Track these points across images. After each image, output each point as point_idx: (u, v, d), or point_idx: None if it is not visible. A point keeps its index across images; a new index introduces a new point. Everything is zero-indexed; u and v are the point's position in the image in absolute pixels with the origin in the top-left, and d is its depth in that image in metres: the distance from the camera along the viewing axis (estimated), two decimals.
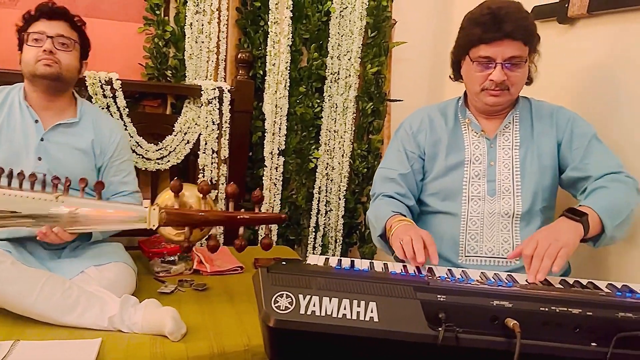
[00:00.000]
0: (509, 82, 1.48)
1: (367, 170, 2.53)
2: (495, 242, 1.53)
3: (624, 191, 1.42)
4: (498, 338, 0.92)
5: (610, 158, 1.50)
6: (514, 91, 1.51)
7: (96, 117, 1.79)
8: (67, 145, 1.70)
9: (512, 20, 1.42)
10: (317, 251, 2.50)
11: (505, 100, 1.52)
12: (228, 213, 1.51)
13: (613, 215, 1.34)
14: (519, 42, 1.44)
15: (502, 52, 1.45)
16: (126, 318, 1.42)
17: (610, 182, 1.43)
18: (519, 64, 1.47)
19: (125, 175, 1.82)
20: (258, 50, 2.30)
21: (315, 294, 0.93)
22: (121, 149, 1.81)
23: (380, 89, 2.49)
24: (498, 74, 1.46)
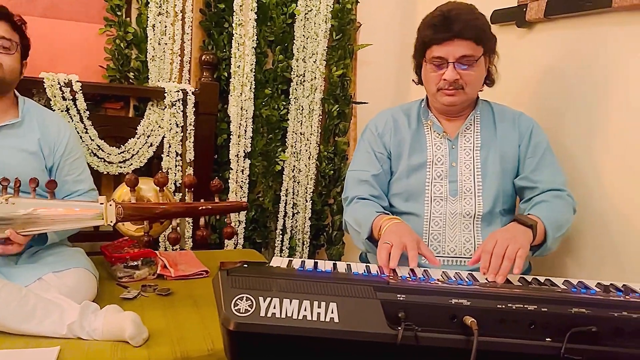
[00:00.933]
0: (462, 81, 1.51)
1: (334, 172, 2.53)
2: (457, 242, 1.56)
3: (565, 208, 1.51)
4: (456, 336, 0.93)
5: (558, 174, 1.58)
6: (469, 90, 1.54)
7: (41, 116, 1.73)
8: (13, 148, 1.63)
9: (461, 21, 1.47)
10: (284, 254, 2.50)
11: (461, 100, 1.55)
12: (187, 204, 1.49)
13: (555, 228, 1.42)
14: (469, 41, 1.48)
15: (453, 52, 1.48)
16: (86, 325, 1.39)
17: (555, 199, 1.51)
18: (471, 63, 1.50)
19: (79, 173, 1.76)
20: (222, 52, 2.29)
21: (276, 296, 0.93)
22: (72, 147, 1.75)
23: (345, 92, 2.50)
24: (450, 73, 1.50)
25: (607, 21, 1.61)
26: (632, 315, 0.93)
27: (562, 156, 1.71)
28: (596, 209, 1.65)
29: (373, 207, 1.56)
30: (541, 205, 1.49)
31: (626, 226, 1.56)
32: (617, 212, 1.59)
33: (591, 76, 1.67)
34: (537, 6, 1.79)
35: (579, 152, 1.70)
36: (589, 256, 1.68)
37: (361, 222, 1.51)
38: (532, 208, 1.49)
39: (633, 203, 1.55)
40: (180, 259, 2.01)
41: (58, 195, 1.75)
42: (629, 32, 1.55)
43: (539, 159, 1.57)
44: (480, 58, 1.52)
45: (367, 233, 1.48)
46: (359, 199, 1.61)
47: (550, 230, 1.40)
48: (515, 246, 1.25)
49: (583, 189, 1.67)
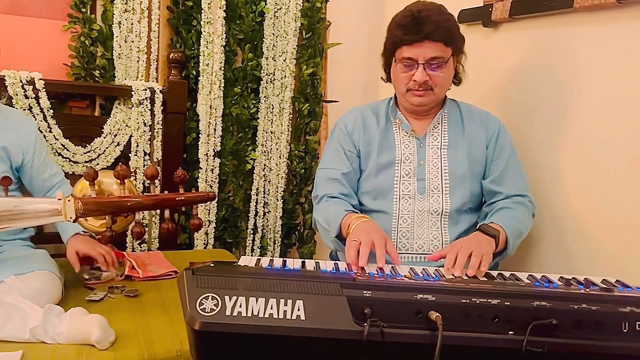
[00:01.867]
0: (432, 83, 1.53)
1: (305, 171, 2.53)
2: (425, 239, 1.57)
3: (525, 215, 1.56)
4: (422, 331, 0.94)
5: (522, 180, 1.62)
6: (438, 91, 1.55)
7: (5, 119, 1.67)
8: None
9: (431, 22, 1.47)
10: (255, 253, 2.49)
11: (430, 101, 1.57)
12: (151, 196, 1.47)
13: (516, 236, 1.48)
14: (439, 43, 1.49)
15: (423, 53, 1.49)
16: (49, 329, 1.36)
17: (517, 205, 1.56)
18: (440, 64, 1.51)
19: (52, 167, 1.78)
20: (191, 50, 2.26)
21: (242, 295, 0.92)
22: (40, 144, 1.75)
23: (316, 90, 2.50)
24: (420, 74, 1.51)
25: (569, 21, 1.65)
26: (591, 308, 0.96)
27: (527, 155, 1.75)
28: (554, 210, 1.70)
29: (342, 205, 1.56)
30: (503, 213, 1.52)
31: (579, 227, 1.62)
32: (572, 213, 1.64)
33: (554, 75, 1.70)
34: (502, 6, 1.83)
35: (542, 152, 1.74)
36: (546, 254, 1.72)
37: (330, 220, 1.51)
38: (495, 214, 1.53)
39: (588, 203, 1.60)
40: (149, 259, 1.98)
41: (40, 193, 1.76)
42: (590, 32, 1.59)
43: (505, 164, 1.60)
44: (450, 59, 1.53)
45: (335, 231, 1.48)
46: (328, 198, 1.61)
47: (511, 239, 1.45)
48: (479, 252, 1.28)
49: (544, 189, 1.72)
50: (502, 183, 1.59)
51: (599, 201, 1.56)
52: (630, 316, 0.97)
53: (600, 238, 1.56)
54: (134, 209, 1.46)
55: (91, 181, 1.43)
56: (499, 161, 1.61)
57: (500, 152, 1.62)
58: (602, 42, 1.56)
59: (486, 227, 1.44)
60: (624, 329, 0.97)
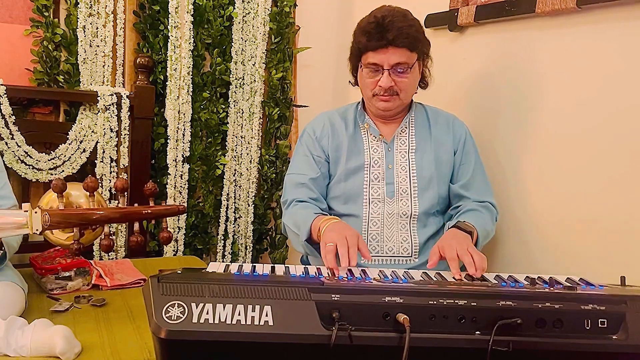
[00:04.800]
0: (397, 88, 1.54)
1: (276, 175, 2.52)
2: (395, 241, 1.58)
3: (491, 220, 1.60)
4: (390, 334, 0.94)
5: (487, 185, 1.66)
6: (403, 96, 1.57)
7: None
8: None
9: (395, 29, 1.48)
10: (227, 259, 2.46)
11: (395, 105, 1.58)
12: (120, 209, 1.44)
13: (484, 236, 1.52)
14: (403, 49, 1.50)
15: (387, 59, 1.51)
16: (12, 341, 1.31)
17: (484, 209, 1.59)
18: (405, 70, 1.53)
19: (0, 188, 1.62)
20: (158, 55, 2.24)
21: (209, 302, 0.91)
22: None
23: (286, 95, 2.50)
24: (385, 80, 1.52)
25: (532, 26, 1.69)
26: (554, 306, 0.98)
27: (490, 158, 1.78)
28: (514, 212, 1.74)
29: (312, 209, 1.56)
30: (473, 214, 1.55)
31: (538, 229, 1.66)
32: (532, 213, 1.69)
33: (517, 78, 1.74)
34: (468, 11, 1.86)
35: (505, 154, 1.78)
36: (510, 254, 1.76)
37: (299, 224, 1.51)
38: (464, 215, 1.55)
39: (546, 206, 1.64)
40: (116, 267, 1.94)
41: None
42: (551, 36, 1.63)
43: (472, 169, 1.63)
44: (415, 64, 1.55)
45: (305, 235, 1.48)
46: (297, 202, 1.61)
47: (481, 238, 1.49)
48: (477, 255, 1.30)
49: (506, 191, 1.76)
50: (470, 189, 1.62)
51: (560, 202, 1.60)
52: (593, 313, 1.00)
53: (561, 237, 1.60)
54: (100, 222, 1.43)
55: (59, 193, 1.40)
56: (467, 166, 1.64)
57: (467, 157, 1.64)
58: (563, 46, 1.60)
59: (462, 224, 1.47)
60: (587, 326, 0.99)
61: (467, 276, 1.25)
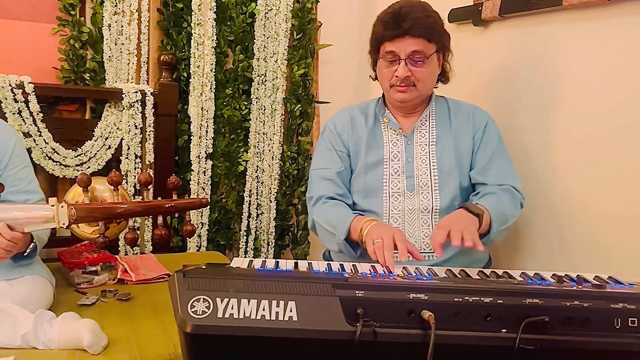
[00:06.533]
0: (414, 78, 1.53)
1: (298, 172, 2.53)
2: (417, 237, 1.57)
3: (511, 203, 1.55)
4: (414, 331, 0.94)
5: (508, 170, 1.61)
6: (421, 87, 1.56)
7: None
8: None
9: (411, 18, 1.49)
10: (249, 255, 2.48)
11: (413, 97, 1.57)
12: (145, 203, 1.46)
13: (501, 221, 1.46)
14: (420, 38, 1.50)
15: (404, 48, 1.51)
16: (41, 334, 1.34)
17: (503, 192, 1.55)
18: (422, 59, 1.52)
19: (27, 183, 1.63)
20: (182, 52, 2.25)
21: (234, 297, 0.92)
22: (17, 156, 1.63)
23: (307, 91, 2.50)
24: (402, 69, 1.52)
25: (558, 19, 1.66)
26: (582, 304, 0.96)
27: (517, 152, 1.75)
28: (549, 204, 1.69)
29: (344, 207, 1.56)
30: (489, 197, 1.52)
31: (575, 220, 1.61)
32: (567, 207, 1.64)
33: (544, 73, 1.71)
34: (492, 5, 1.83)
35: (533, 149, 1.75)
36: (541, 249, 1.72)
37: (335, 223, 1.51)
38: (480, 199, 1.53)
39: (581, 198, 1.60)
40: (141, 262, 1.97)
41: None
42: (579, 30, 1.60)
43: (491, 154, 1.60)
44: (433, 55, 1.54)
45: (344, 234, 1.48)
46: (326, 199, 1.60)
47: (495, 222, 1.44)
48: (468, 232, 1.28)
49: (536, 184, 1.72)
50: (488, 173, 1.58)
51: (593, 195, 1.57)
52: (623, 312, 0.97)
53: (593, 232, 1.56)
54: (124, 216, 1.45)
55: (84, 187, 1.42)
56: (485, 151, 1.60)
57: (487, 143, 1.61)
58: (591, 40, 1.57)
59: (470, 205, 1.44)
60: (617, 325, 0.97)
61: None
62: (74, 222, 1.43)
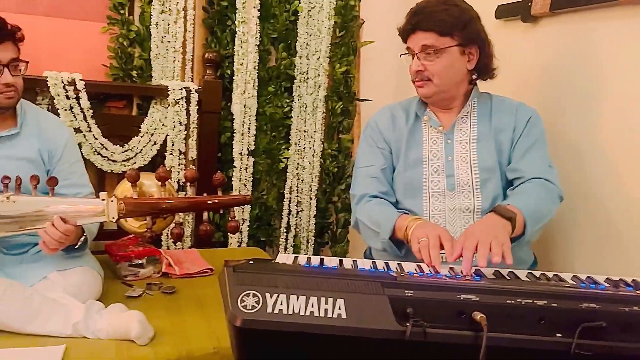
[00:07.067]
0: (428, 73, 1.52)
1: (338, 169, 2.53)
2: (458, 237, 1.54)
3: (547, 198, 1.47)
4: (465, 332, 0.92)
5: (543, 163, 1.53)
6: (437, 82, 1.53)
7: (38, 122, 1.67)
8: (11, 157, 1.58)
9: (424, 13, 1.50)
10: (288, 252, 2.49)
11: (431, 92, 1.55)
12: (191, 198, 1.49)
13: (535, 220, 1.39)
14: (430, 32, 1.49)
15: (416, 43, 1.52)
16: (91, 324, 1.39)
17: (538, 187, 1.47)
18: (435, 53, 1.50)
19: (77, 177, 1.69)
20: (226, 49, 2.28)
21: (282, 292, 0.92)
22: (69, 151, 1.69)
23: (349, 89, 2.49)
24: (414, 64, 1.54)
25: (614, 15, 1.59)
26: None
27: (566, 151, 1.70)
28: (599, 205, 1.64)
29: (388, 206, 1.55)
30: (522, 195, 1.45)
31: (630, 220, 1.55)
32: (619, 206, 1.58)
33: (596, 72, 1.65)
34: (543, 0, 1.78)
35: (584, 147, 1.69)
36: (592, 251, 1.67)
37: (380, 222, 1.49)
38: (513, 197, 1.46)
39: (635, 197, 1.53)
40: (184, 257, 2.00)
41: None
42: (634, 26, 1.54)
43: (527, 148, 1.54)
44: (449, 49, 1.50)
45: (388, 233, 1.46)
46: (370, 197, 1.59)
47: (530, 222, 1.37)
48: (498, 242, 1.20)
49: (586, 184, 1.66)
50: (522, 166, 1.52)
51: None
52: None
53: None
54: (171, 211, 1.48)
55: (133, 183, 1.46)
56: (521, 145, 1.54)
57: (526, 137, 1.55)
58: None
59: (501, 208, 1.34)
60: None
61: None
62: (123, 217, 1.47)
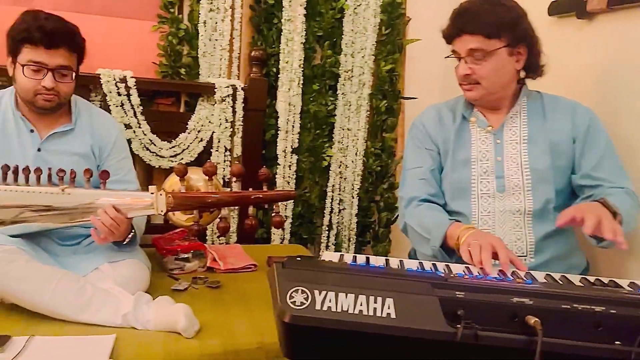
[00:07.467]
0: (476, 76, 1.48)
1: (381, 168, 2.51)
2: (508, 240, 1.50)
3: (633, 207, 1.44)
4: (518, 336, 0.89)
5: (621, 173, 1.50)
6: (486, 84, 1.49)
7: (91, 118, 1.72)
8: (65, 153, 1.64)
9: (469, 15, 1.46)
10: (330, 250, 2.49)
11: (480, 95, 1.51)
12: (237, 193, 1.50)
13: (626, 224, 1.35)
14: (477, 35, 1.45)
15: (463, 47, 1.48)
16: (139, 315, 1.42)
17: (624, 195, 1.44)
18: (482, 57, 1.46)
19: (125, 173, 1.73)
20: (271, 47, 2.30)
21: (331, 290, 0.91)
22: (118, 147, 1.74)
23: (394, 87, 2.47)
24: (461, 68, 1.50)
25: None
26: None
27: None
28: None
29: (439, 211, 1.53)
30: (613, 198, 1.39)
31: None
32: None
33: None
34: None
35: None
36: None
37: (430, 228, 1.47)
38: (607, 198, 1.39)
39: None
40: (229, 252, 2.03)
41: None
42: None
43: (600, 155, 1.49)
44: (498, 50, 1.46)
45: (439, 242, 1.44)
46: (420, 202, 1.57)
47: (624, 223, 1.32)
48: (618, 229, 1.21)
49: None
50: (600, 175, 1.47)
51: None
52: None
53: None
54: (217, 205, 1.50)
55: (181, 177, 1.48)
56: (593, 152, 1.50)
57: (594, 143, 1.50)
58: None
59: (607, 202, 1.31)
60: None
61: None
62: (171, 210, 1.50)
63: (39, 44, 1.52)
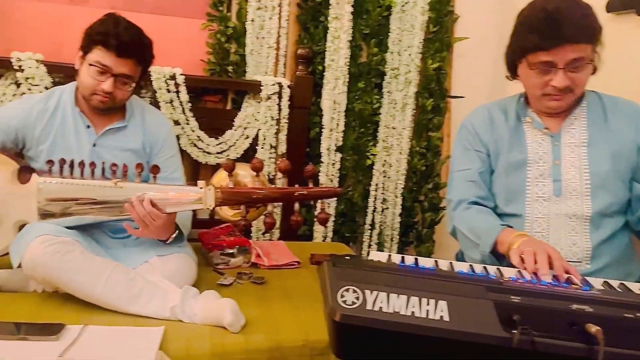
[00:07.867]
0: (573, 85, 1.40)
1: (426, 168, 2.48)
2: (563, 245, 1.45)
3: None
4: (577, 344, 0.86)
5: None
6: (578, 92, 1.43)
7: (143, 115, 1.76)
8: (118, 148, 1.69)
9: (571, 22, 1.33)
10: (372, 249, 2.48)
11: (568, 103, 1.45)
12: (283, 189, 1.51)
13: None
14: (580, 44, 1.35)
15: (563, 57, 1.36)
16: (187, 309, 1.44)
17: None
18: (582, 65, 1.38)
19: (172, 170, 1.76)
20: (318, 45, 2.30)
21: (383, 290, 0.91)
22: (168, 144, 1.77)
23: (441, 85, 2.43)
24: (561, 79, 1.38)
25: None
26: None
27: None
28: None
29: (489, 214, 1.49)
30: None
31: None
32: None
33: None
34: None
35: None
36: None
37: (480, 233, 1.44)
38: None
39: None
40: (272, 248, 2.04)
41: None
42: None
43: None
44: (592, 57, 1.40)
45: (489, 247, 1.40)
46: (469, 204, 1.53)
47: None
48: None
49: None
50: None
51: None
52: None
53: None
54: (264, 201, 1.51)
55: (229, 172, 1.50)
56: None
57: None
58: None
59: None
60: None
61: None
62: (219, 205, 1.51)
63: (111, 49, 1.57)
